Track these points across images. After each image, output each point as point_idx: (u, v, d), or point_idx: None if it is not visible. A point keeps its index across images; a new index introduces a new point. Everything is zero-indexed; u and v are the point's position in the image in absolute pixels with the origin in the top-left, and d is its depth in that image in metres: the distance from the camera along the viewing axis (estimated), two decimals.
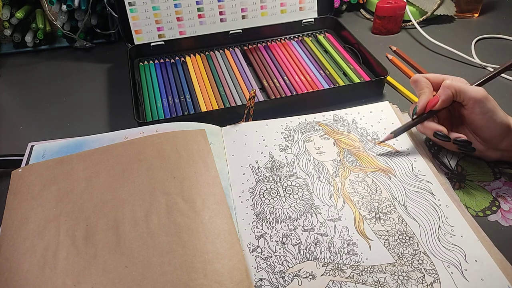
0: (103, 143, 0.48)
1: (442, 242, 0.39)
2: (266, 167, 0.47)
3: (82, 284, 0.36)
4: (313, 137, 0.51)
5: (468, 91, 0.43)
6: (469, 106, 0.44)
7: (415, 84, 0.48)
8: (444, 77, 0.47)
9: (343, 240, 0.40)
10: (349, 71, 0.62)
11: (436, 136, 0.45)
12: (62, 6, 0.67)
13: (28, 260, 0.38)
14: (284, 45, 0.69)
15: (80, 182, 0.44)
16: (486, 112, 0.43)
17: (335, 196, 0.44)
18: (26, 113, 0.60)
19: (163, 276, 0.36)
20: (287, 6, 0.70)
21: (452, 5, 0.77)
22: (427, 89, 0.47)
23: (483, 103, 0.43)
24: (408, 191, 0.44)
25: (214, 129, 0.51)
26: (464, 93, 0.44)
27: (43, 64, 0.71)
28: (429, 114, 0.47)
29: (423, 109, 0.47)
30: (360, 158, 0.48)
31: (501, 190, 0.45)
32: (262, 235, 0.41)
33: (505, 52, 0.69)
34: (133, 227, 0.40)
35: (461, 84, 0.44)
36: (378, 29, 0.75)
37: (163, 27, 0.67)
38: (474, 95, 0.43)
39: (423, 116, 0.47)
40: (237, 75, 0.63)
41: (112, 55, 0.72)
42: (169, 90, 0.60)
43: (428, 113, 0.47)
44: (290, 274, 0.38)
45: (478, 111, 0.43)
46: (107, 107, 0.61)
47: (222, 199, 0.42)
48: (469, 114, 0.45)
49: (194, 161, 0.45)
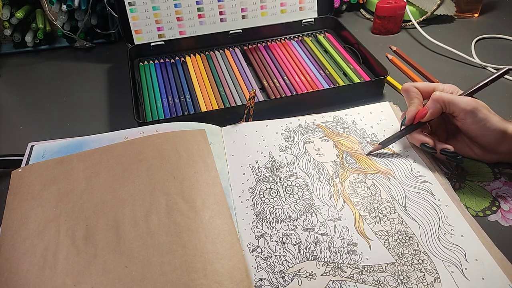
0: (103, 143, 0.48)
1: (442, 241, 0.39)
2: (266, 167, 0.48)
3: (82, 284, 0.36)
4: (312, 139, 0.51)
5: (457, 103, 0.43)
6: (460, 117, 0.44)
7: (406, 94, 0.49)
8: (435, 86, 0.47)
9: (343, 239, 0.40)
10: (349, 71, 0.62)
11: (423, 147, 0.46)
12: (62, 6, 0.67)
13: (28, 260, 0.38)
14: (284, 45, 0.69)
15: (80, 182, 0.44)
16: (478, 122, 0.43)
17: (335, 197, 0.44)
18: (26, 113, 0.60)
19: (163, 276, 0.36)
20: (287, 6, 0.70)
21: (452, 5, 0.77)
22: (417, 99, 0.47)
23: (474, 114, 0.43)
24: (407, 192, 0.44)
25: (214, 129, 0.51)
26: (454, 105, 0.43)
27: (43, 64, 0.71)
28: (418, 125, 0.47)
29: (412, 120, 0.47)
30: (360, 160, 0.48)
31: (501, 190, 0.45)
32: (262, 235, 0.41)
33: (505, 52, 0.69)
34: (133, 227, 0.40)
35: (450, 96, 0.44)
36: (378, 29, 0.75)
37: (163, 27, 0.67)
38: (464, 106, 0.43)
39: (412, 126, 0.47)
40: (237, 75, 0.63)
41: (112, 55, 0.72)
42: (169, 90, 0.60)
43: (417, 124, 0.47)
44: (290, 273, 0.38)
45: (470, 121, 0.43)
46: (107, 107, 0.61)
47: (222, 199, 0.42)
48: (461, 125, 0.45)
49: (194, 161, 0.45)
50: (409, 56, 0.67)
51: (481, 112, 0.42)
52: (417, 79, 0.62)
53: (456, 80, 0.62)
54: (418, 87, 0.48)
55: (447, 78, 0.63)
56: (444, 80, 0.62)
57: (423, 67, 0.65)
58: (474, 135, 0.44)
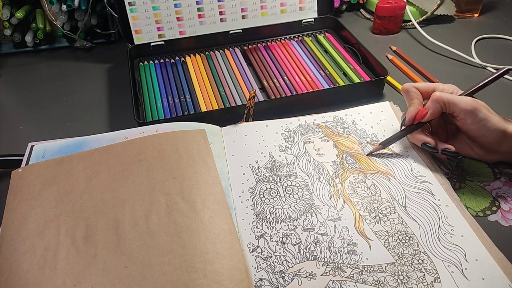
0: (103, 143, 0.48)
1: (442, 242, 0.39)
2: (266, 167, 0.47)
3: (82, 284, 0.36)
4: (312, 139, 0.51)
5: (457, 103, 0.43)
6: (460, 117, 0.44)
7: (406, 94, 0.49)
8: (435, 86, 0.47)
9: (343, 239, 0.40)
10: (349, 71, 0.62)
11: (424, 147, 0.46)
12: (62, 6, 0.67)
13: (28, 260, 0.38)
14: (284, 45, 0.69)
15: (80, 182, 0.44)
16: (478, 122, 0.43)
17: (335, 197, 0.44)
18: (26, 113, 0.60)
19: (163, 276, 0.36)
20: (287, 6, 0.70)
21: (452, 5, 0.77)
22: (417, 99, 0.47)
23: (474, 114, 0.42)
24: (407, 192, 0.44)
25: (214, 129, 0.51)
26: (454, 105, 0.43)
27: (43, 64, 0.71)
28: (418, 126, 0.47)
29: (412, 121, 0.47)
30: (360, 160, 0.48)
31: (501, 190, 0.45)
32: (262, 235, 0.41)
33: (505, 52, 0.69)
34: (133, 227, 0.40)
35: (450, 96, 0.44)
36: (378, 29, 0.75)
37: (163, 27, 0.67)
38: (464, 106, 0.43)
39: (412, 127, 0.47)
40: (237, 75, 0.63)
41: (112, 55, 0.72)
42: (169, 90, 0.60)
43: (417, 124, 0.47)
44: (290, 273, 0.38)
45: (470, 121, 0.43)
46: (107, 107, 0.61)
47: (222, 199, 0.42)
48: (462, 125, 0.45)
49: (194, 161, 0.45)
50: (409, 56, 0.67)
51: (481, 112, 0.42)
52: (417, 79, 0.62)
53: (456, 80, 0.62)
54: (418, 87, 0.48)
55: (447, 78, 0.63)
56: (444, 80, 0.62)
57: (423, 67, 0.65)
58: (475, 135, 0.44)
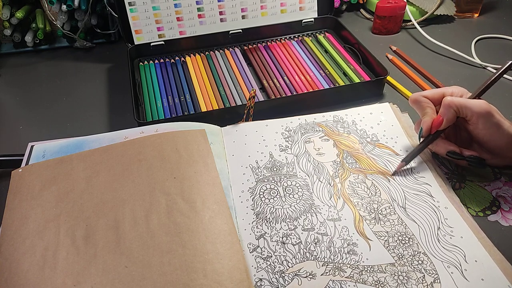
0: (103, 143, 0.48)
1: (442, 243, 0.39)
2: (266, 167, 0.47)
3: (82, 284, 0.36)
4: (313, 138, 0.51)
5: (471, 106, 0.42)
6: (472, 121, 0.43)
7: (416, 105, 0.47)
8: (443, 91, 0.46)
9: (343, 240, 0.40)
10: (349, 71, 0.62)
11: (449, 155, 0.45)
12: (62, 6, 0.67)
13: (28, 260, 0.38)
14: (284, 45, 0.69)
15: (80, 182, 0.44)
16: (490, 127, 0.42)
17: (335, 197, 0.44)
18: (26, 113, 0.60)
19: (163, 276, 0.36)
20: (287, 6, 0.70)
21: (452, 5, 0.77)
22: (429, 108, 0.46)
23: (487, 118, 0.41)
24: (407, 193, 0.44)
25: (214, 129, 0.51)
26: (467, 108, 0.42)
27: (43, 64, 0.71)
28: (436, 135, 0.45)
29: (429, 131, 0.45)
30: (360, 160, 0.48)
31: (501, 190, 0.45)
32: (262, 235, 0.41)
33: (505, 52, 0.69)
34: (133, 227, 0.40)
35: (462, 100, 0.43)
36: (378, 29, 0.75)
37: (163, 27, 0.67)
38: (478, 110, 0.42)
39: (430, 137, 0.46)
40: (237, 75, 0.63)
41: (112, 55, 0.72)
42: (169, 90, 0.60)
43: (435, 133, 0.45)
44: (290, 273, 0.38)
45: (482, 126, 0.42)
46: (107, 107, 0.61)
47: (222, 199, 0.42)
48: (473, 129, 0.44)
49: (194, 161, 0.45)
50: (409, 56, 0.67)
51: (494, 117, 0.41)
52: (417, 79, 0.62)
53: (456, 80, 0.62)
54: (426, 95, 0.46)
55: (447, 78, 0.63)
56: (444, 80, 0.62)
57: (423, 67, 0.65)
58: (485, 139, 0.43)
